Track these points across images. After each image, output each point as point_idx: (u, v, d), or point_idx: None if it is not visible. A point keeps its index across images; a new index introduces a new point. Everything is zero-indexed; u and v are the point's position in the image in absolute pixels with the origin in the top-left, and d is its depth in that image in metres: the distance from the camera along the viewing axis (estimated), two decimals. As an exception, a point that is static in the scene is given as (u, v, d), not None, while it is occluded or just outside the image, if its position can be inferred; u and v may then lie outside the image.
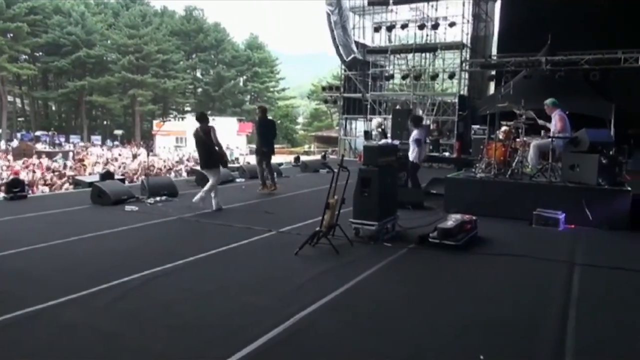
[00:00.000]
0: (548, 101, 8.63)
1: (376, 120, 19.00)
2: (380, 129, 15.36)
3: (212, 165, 8.51)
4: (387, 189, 6.37)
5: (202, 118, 8.69)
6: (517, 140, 8.73)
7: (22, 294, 4.13)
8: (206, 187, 8.44)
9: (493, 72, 20.69)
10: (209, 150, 8.45)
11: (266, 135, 10.50)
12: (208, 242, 5.97)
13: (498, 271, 5.21)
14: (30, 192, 12.11)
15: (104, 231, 6.54)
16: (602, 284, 4.85)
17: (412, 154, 9.62)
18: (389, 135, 16.00)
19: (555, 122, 8.35)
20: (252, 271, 4.99)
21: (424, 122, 11.35)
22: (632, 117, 15.70)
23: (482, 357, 3.16)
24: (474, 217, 6.44)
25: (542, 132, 8.89)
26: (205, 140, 8.42)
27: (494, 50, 22.21)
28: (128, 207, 8.28)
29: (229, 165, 14.47)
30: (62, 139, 46.33)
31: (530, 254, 5.71)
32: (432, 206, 8.60)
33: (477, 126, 14.99)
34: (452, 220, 6.19)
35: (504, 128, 8.80)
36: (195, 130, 8.53)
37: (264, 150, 10.39)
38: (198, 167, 10.46)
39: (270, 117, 11.10)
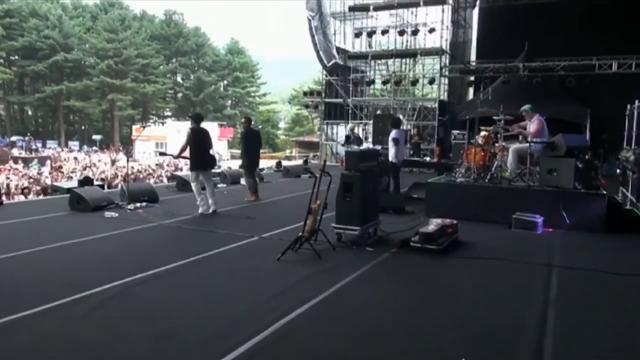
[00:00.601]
0: (526, 107, 8.77)
1: (350, 125, 19.09)
2: (351, 133, 15.40)
3: (209, 166, 8.66)
4: (369, 193, 6.40)
5: (200, 118, 8.78)
6: (496, 145, 8.87)
7: (-2, 303, 4.04)
8: (210, 192, 8.52)
9: (472, 78, 21.01)
10: (208, 151, 8.59)
11: (254, 146, 10.42)
12: (189, 249, 5.92)
13: (479, 274, 5.27)
14: (5, 199, 11.83)
15: (83, 238, 6.44)
16: (579, 285, 4.95)
17: (391, 155, 9.69)
18: (367, 139, 16.09)
19: (533, 126, 8.50)
20: (233, 278, 4.96)
21: (402, 126, 11.45)
22: (606, 122, 16.07)
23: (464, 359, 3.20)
24: (454, 222, 6.51)
25: (520, 136, 9.04)
26: (206, 141, 8.49)
27: (473, 56, 22.55)
28: (108, 214, 8.16)
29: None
30: (39, 145, 45.48)
31: (510, 257, 5.80)
32: (413, 210, 8.67)
33: (457, 131, 15.18)
34: (433, 224, 6.25)
35: (483, 133, 8.93)
36: (196, 130, 8.51)
37: (251, 161, 10.31)
38: (179, 173, 10.37)
39: (254, 128, 11.11)
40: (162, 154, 10.31)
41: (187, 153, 8.55)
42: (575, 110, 16.35)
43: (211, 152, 8.82)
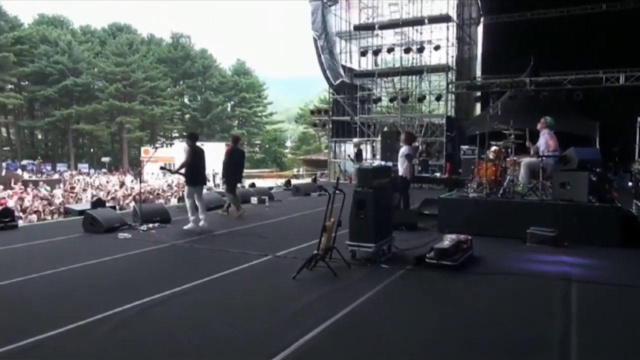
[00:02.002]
0: (548, 119, 8.72)
1: (356, 140, 19.16)
2: (357, 148, 15.45)
3: (203, 183, 9.13)
4: (382, 210, 6.39)
5: (196, 137, 9.16)
6: (507, 159, 8.86)
7: (20, 325, 4.05)
8: (201, 209, 8.71)
9: (479, 94, 21.08)
10: (204, 168, 9.03)
11: (238, 165, 10.79)
12: (204, 268, 5.92)
13: (496, 290, 5.22)
14: (20, 220, 11.95)
15: (99, 259, 6.46)
16: (600, 300, 4.89)
17: (402, 170, 9.67)
18: (375, 156, 16.09)
19: (546, 141, 8.48)
20: (251, 296, 4.95)
21: (415, 142, 11.51)
22: (616, 135, 16.03)
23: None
24: (469, 237, 6.48)
25: (532, 150, 9.03)
26: (203, 159, 8.89)
27: (479, 72, 22.67)
28: (121, 235, 8.20)
29: (220, 190, 14.54)
30: (49, 168, 45.96)
31: (527, 272, 5.76)
32: (425, 227, 8.64)
33: (466, 146, 15.16)
34: (448, 240, 6.22)
35: (494, 148, 8.93)
36: (195, 148, 8.80)
37: (234, 179, 10.70)
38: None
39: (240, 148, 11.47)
40: (162, 168, 10.58)
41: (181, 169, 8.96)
42: (584, 124, 16.33)
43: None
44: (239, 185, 11.10)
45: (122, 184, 32.47)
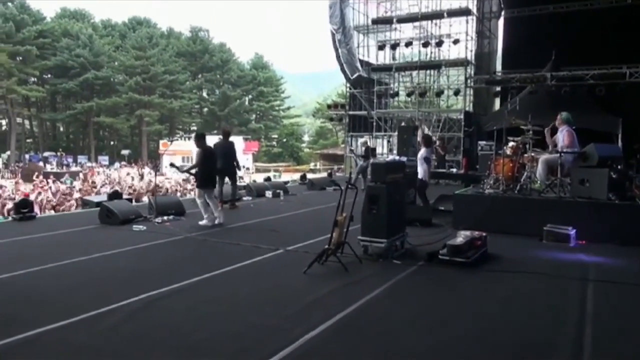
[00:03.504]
0: (564, 115, 8.54)
1: (363, 139, 18.96)
2: (364, 147, 15.27)
3: (214, 185, 9.21)
4: (396, 206, 6.31)
5: (204, 137, 9.03)
6: (525, 155, 8.69)
7: (29, 315, 4.09)
8: (214, 207, 8.73)
9: (498, 88, 20.72)
10: (215, 170, 9.14)
11: (229, 157, 10.71)
12: (215, 261, 5.93)
13: (509, 289, 5.12)
14: (38, 212, 12.16)
15: (112, 251, 6.52)
16: (616, 300, 4.76)
17: (421, 173, 9.60)
18: (392, 151, 15.92)
19: (563, 137, 8.29)
20: (260, 290, 4.93)
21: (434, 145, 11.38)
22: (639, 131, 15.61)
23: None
24: (483, 234, 6.37)
25: (550, 147, 8.84)
26: (214, 161, 9.00)
27: (499, 67, 22.27)
28: (136, 227, 8.27)
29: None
30: (70, 160, 46.72)
31: (542, 270, 5.63)
32: (440, 223, 8.53)
33: (484, 142, 14.94)
34: (461, 236, 6.12)
35: (511, 144, 8.76)
36: (207, 150, 8.85)
37: (225, 170, 10.58)
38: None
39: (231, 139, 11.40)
40: (172, 165, 10.58)
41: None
42: (606, 120, 15.92)
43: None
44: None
45: (141, 177, 32.87)
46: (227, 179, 10.85)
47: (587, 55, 16.95)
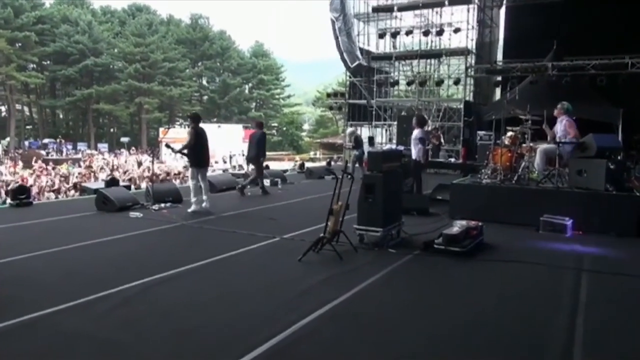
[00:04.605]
0: (565, 105, 8.47)
1: (350, 129, 18.79)
2: (353, 137, 15.15)
3: (208, 164, 9.20)
4: (392, 195, 6.30)
5: (199, 118, 9.08)
6: (523, 145, 8.66)
7: (24, 300, 4.10)
8: (205, 189, 8.79)
9: (499, 78, 20.62)
10: (208, 149, 9.00)
11: (260, 146, 11.17)
12: (211, 249, 5.93)
13: (504, 278, 5.13)
14: (36, 199, 12.17)
15: (108, 238, 6.52)
16: (610, 290, 4.76)
17: (415, 153, 9.48)
18: (392, 140, 15.88)
19: (566, 128, 8.23)
20: (254, 278, 4.94)
21: (427, 127, 11.28)
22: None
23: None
24: (479, 223, 6.36)
25: (549, 137, 8.81)
26: (206, 140, 8.87)
27: (500, 56, 22.15)
28: (132, 214, 8.26)
29: (236, 172, 14.59)
30: (70, 147, 46.60)
31: (538, 260, 5.62)
32: (437, 212, 8.52)
33: (483, 132, 14.91)
34: (457, 226, 6.12)
35: (509, 133, 8.73)
36: (199, 129, 8.75)
37: (254, 158, 11.25)
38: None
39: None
40: (167, 146, 10.59)
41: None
42: (606, 111, 15.85)
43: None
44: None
45: (139, 164, 32.82)
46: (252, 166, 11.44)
47: (589, 45, 16.84)
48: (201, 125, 8.93)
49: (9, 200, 9.68)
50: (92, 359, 3.17)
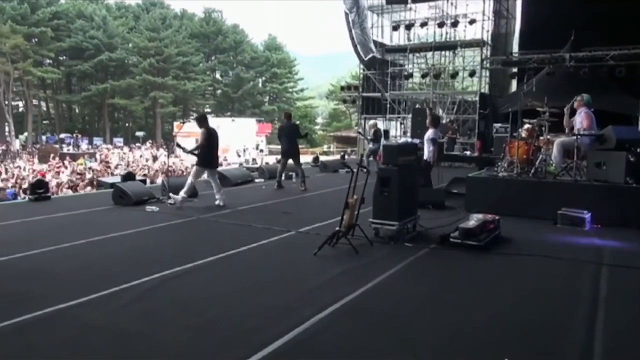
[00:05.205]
0: (585, 97, 8.32)
1: (372, 121, 18.70)
2: (373, 130, 15.05)
3: (217, 165, 9.17)
4: (407, 188, 6.26)
5: (207, 119, 8.94)
6: (541, 138, 8.54)
7: (42, 293, 4.15)
8: (216, 188, 8.77)
9: (515, 70, 20.32)
10: (217, 151, 8.99)
11: (293, 138, 10.99)
12: (227, 243, 5.95)
13: (522, 272, 5.07)
14: (54, 193, 12.34)
15: (125, 231, 6.59)
16: (630, 284, 4.69)
17: (426, 154, 9.47)
18: (406, 134, 15.77)
19: (582, 120, 8.11)
20: (270, 272, 4.95)
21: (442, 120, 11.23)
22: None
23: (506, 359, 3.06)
24: (496, 217, 6.30)
25: (567, 129, 8.67)
26: (217, 142, 8.83)
27: (516, 48, 21.82)
28: (149, 208, 8.33)
29: (250, 165, 14.57)
30: (86, 141, 47.15)
31: (556, 254, 5.55)
32: (453, 206, 8.46)
33: (499, 124, 14.71)
34: (474, 220, 6.06)
35: (526, 126, 8.60)
36: (210, 130, 8.67)
37: (289, 152, 10.95)
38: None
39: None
40: (178, 145, 10.42)
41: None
42: (625, 102, 15.51)
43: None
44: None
45: (154, 158, 33.09)
46: (290, 160, 11.12)
47: (608, 35, 16.50)
48: (212, 123, 8.90)
49: (25, 196, 9.81)
50: (111, 350, 3.20)
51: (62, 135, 48.15)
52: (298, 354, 3.18)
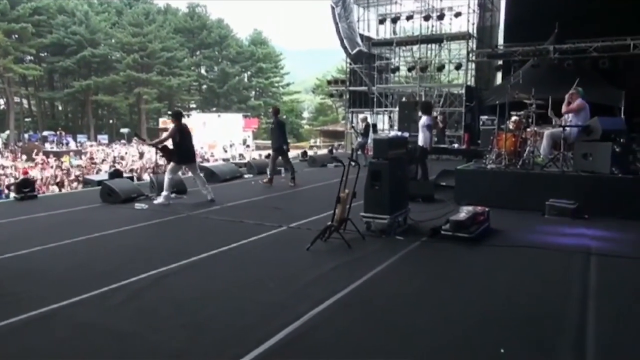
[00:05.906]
0: (580, 90, 8.38)
1: (363, 115, 18.73)
2: (364, 124, 15.11)
3: (194, 159, 9.06)
4: (398, 181, 6.29)
5: (181, 115, 9.04)
6: (528, 130, 8.63)
7: (35, 294, 4.11)
8: (201, 183, 8.82)
9: (500, 62, 20.48)
10: (192, 145, 8.98)
11: (282, 135, 10.91)
12: (218, 239, 5.93)
13: (513, 263, 5.14)
14: (40, 191, 12.16)
15: (114, 230, 6.53)
16: (619, 273, 4.77)
17: (422, 140, 9.54)
18: (393, 127, 15.81)
19: (577, 106, 8.17)
20: (263, 268, 4.94)
21: (433, 112, 11.28)
22: (642, 104, 15.47)
23: (502, 350, 3.10)
24: (486, 209, 6.36)
25: (554, 121, 8.77)
26: (190, 137, 8.85)
27: (501, 40, 21.97)
28: (138, 205, 8.27)
29: (237, 161, 14.48)
30: (69, 139, 46.51)
31: (545, 245, 5.64)
32: (442, 199, 8.52)
33: (486, 117, 14.84)
34: (464, 212, 6.11)
35: (514, 118, 8.70)
36: (181, 126, 8.68)
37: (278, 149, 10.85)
38: (205, 164, 10.46)
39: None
40: (136, 134, 10.06)
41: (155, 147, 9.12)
42: (609, 93, 15.76)
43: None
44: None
45: (141, 155, 32.78)
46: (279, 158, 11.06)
47: (591, 27, 16.68)
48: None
49: (9, 192, 9.68)
50: (109, 349, 3.19)
51: (45, 133, 47.42)
52: (294, 350, 3.19)
